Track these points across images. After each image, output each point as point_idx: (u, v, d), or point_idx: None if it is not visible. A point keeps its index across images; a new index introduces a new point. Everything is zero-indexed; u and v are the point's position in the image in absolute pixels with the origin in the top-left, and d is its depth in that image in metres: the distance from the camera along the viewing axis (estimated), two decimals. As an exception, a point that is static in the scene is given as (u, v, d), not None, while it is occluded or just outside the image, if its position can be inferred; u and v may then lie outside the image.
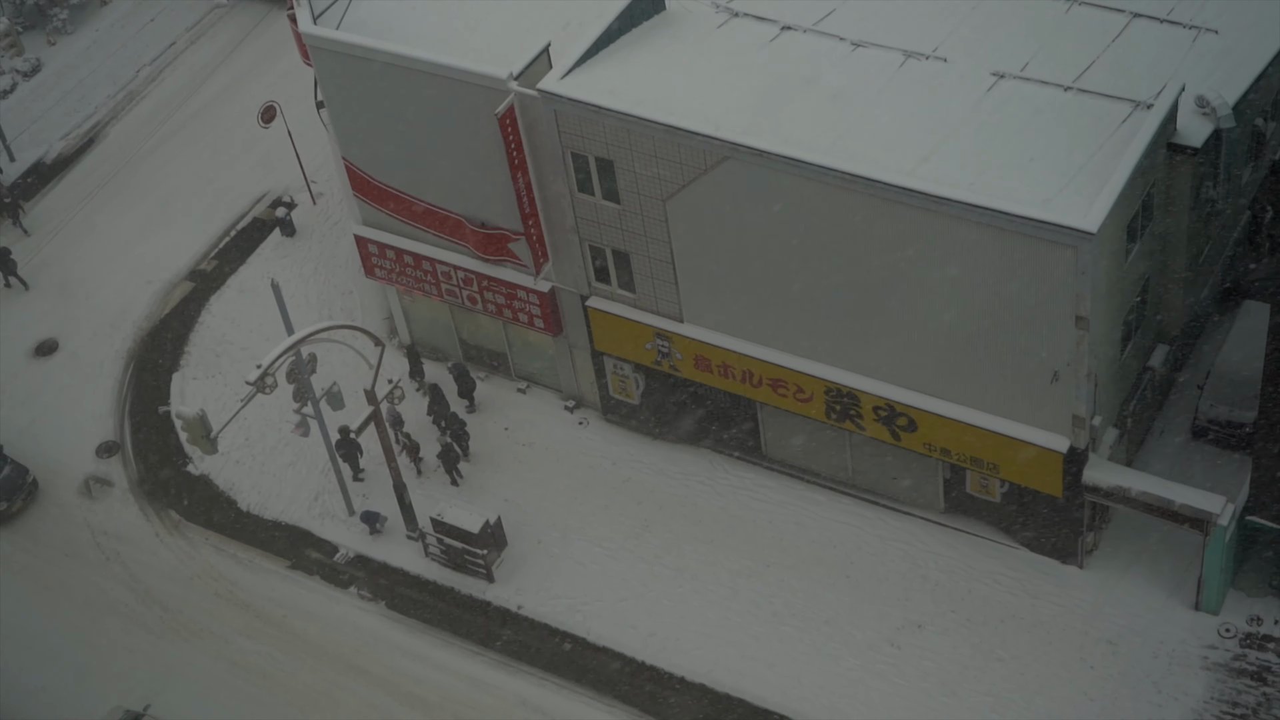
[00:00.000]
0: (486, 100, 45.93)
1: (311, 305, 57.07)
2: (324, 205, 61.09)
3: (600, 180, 45.99)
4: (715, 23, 46.79)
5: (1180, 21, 45.64)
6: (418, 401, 53.20)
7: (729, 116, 43.54)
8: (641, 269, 47.33)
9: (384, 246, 52.14)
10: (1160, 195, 43.53)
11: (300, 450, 53.24)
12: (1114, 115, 42.23)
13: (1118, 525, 47.43)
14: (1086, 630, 45.57)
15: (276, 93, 62.61)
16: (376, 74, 47.80)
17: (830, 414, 46.83)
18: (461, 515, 48.73)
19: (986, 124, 42.75)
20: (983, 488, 46.91)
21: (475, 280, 50.97)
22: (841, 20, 46.51)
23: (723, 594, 47.86)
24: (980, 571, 47.24)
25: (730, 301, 46.48)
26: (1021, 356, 42.47)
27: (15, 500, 52.40)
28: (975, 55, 44.88)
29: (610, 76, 45.08)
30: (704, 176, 43.88)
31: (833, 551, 48.38)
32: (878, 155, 41.99)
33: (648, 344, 48.66)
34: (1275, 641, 44.75)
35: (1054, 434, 43.62)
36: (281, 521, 52.15)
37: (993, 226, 40.23)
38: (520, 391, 53.97)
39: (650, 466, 51.29)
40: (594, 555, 49.36)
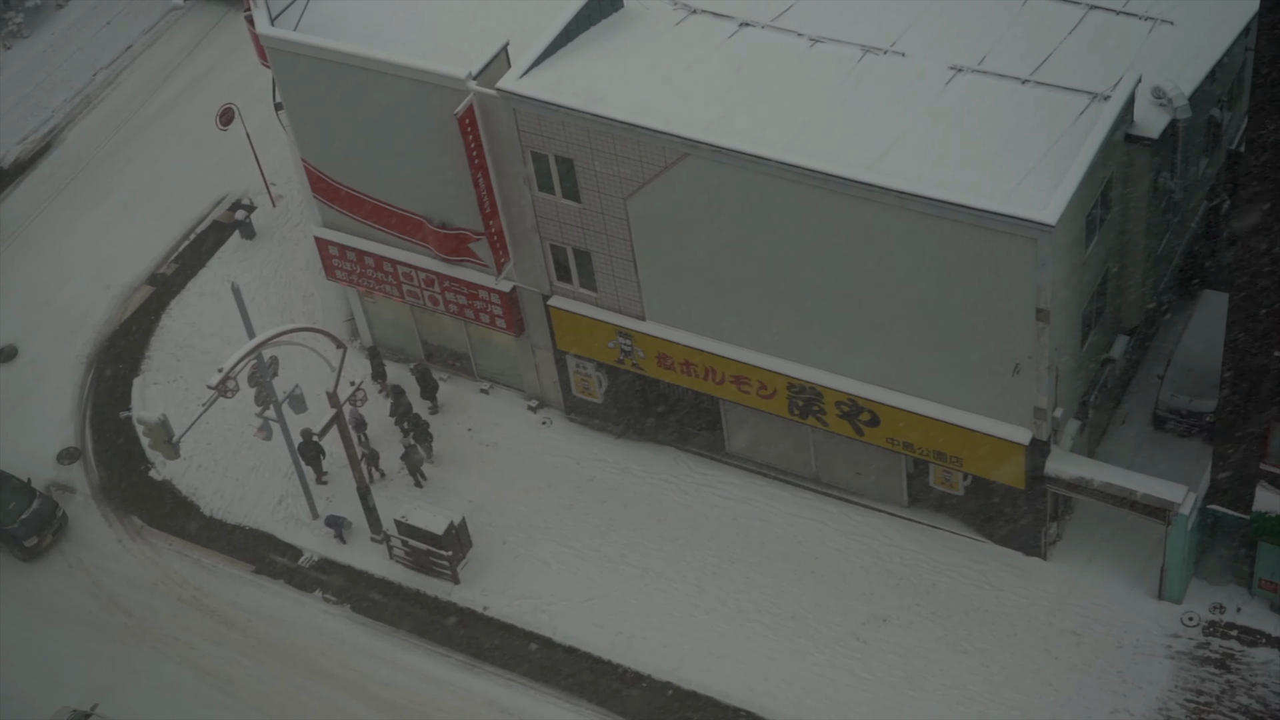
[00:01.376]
0: (445, 100, 45.84)
1: (272, 308, 56.87)
2: (284, 207, 60.88)
3: (561, 179, 45.94)
4: (673, 20, 46.79)
5: (1136, 13, 45.80)
6: (380, 403, 53.08)
7: (688, 114, 43.54)
8: (603, 267, 47.31)
9: (344, 248, 52.00)
10: (1118, 187, 43.70)
11: (263, 454, 53.06)
12: (1072, 107, 42.37)
13: (1080, 516, 47.60)
14: (1051, 621, 45.73)
15: (235, 95, 62.35)
16: (335, 75, 47.66)
17: (793, 410, 46.88)
18: (426, 517, 48.63)
19: (945, 118, 42.85)
20: (946, 481, 47.01)
21: (436, 281, 50.88)
22: (799, 16, 46.54)
23: (688, 591, 47.87)
24: (944, 565, 47.36)
25: (692, 299, 46.48)
26: (983, 349, 42.58)
27: (45, 535, 51.64)
28: (933, 49, 44.97)
29: (569, 74, 45.03)
30: (664, 174, 43.88)
31: (797, 547, 48.44)
32: (837, 150, 42.05)
33: (610, 342, 48.64)
34: (1238, 629, 44.97)
35: (1016, 426, 43.74)
36: (245, 526, 51.97)
37: (952, 220, 40.31)
38: (483, 392, 53.89)
39: (614, 465, 51.27)
40: (559, 555, 49.32)
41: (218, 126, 59.91)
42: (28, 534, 51.42)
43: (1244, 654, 44.47)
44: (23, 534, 51.39)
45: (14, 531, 51.36)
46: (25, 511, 51.62)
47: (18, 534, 51.36)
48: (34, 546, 51.52)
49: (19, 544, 51.44)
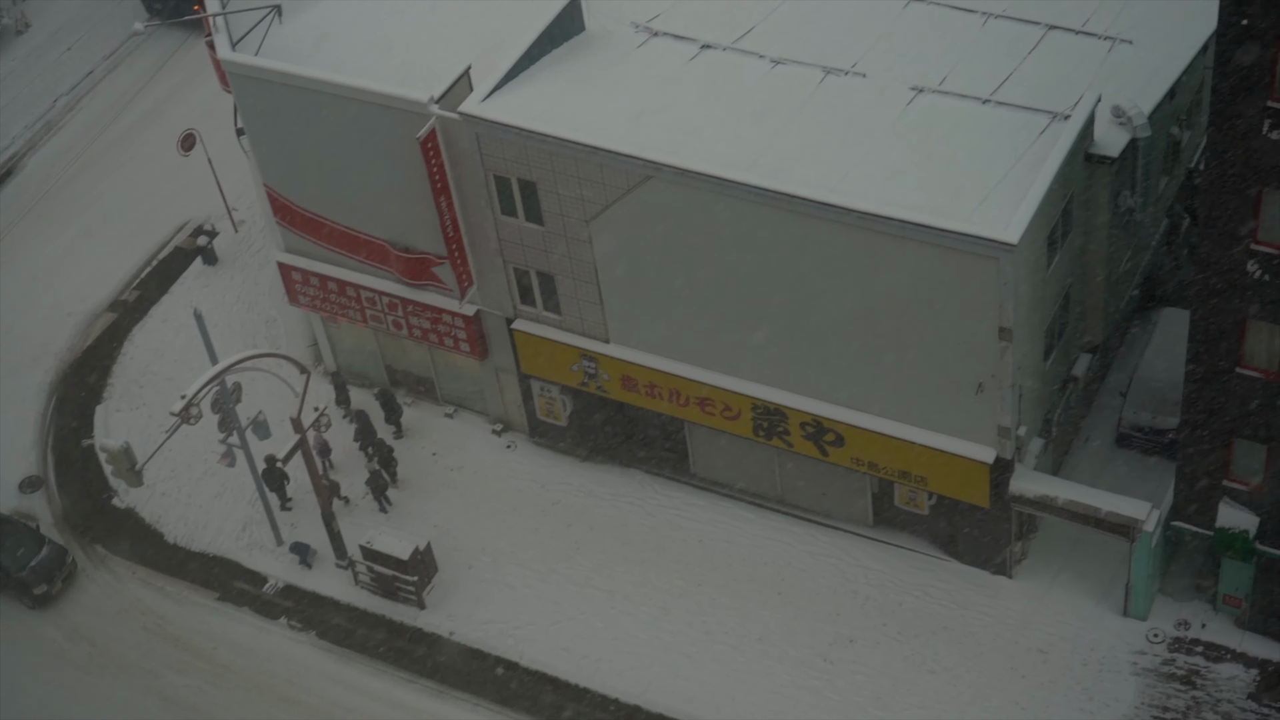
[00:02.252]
0: (408, 124, 45.81)
1: (235, 334, 56.69)
2: (246, 233, 60.73)
3: (524, 202, 45.93)
4: (635, 42, 46.87)
5: (1095, 33, 46.09)
6: (344, 429, 52.92)
7: (651, 136, 43.59)
8: (566, 290, 47.30)
9: (307, 273, 51.88)
10: (1079, 205, 43.89)
11: (227, 481, 52.84)
12: (1032, 127, 42.57)
13: (1045, 534, 47.71)
14: (1017, 640, 45.79)
15: (196, 120, 62.22)
16: (297, 99, 47.59)
17: (758, 431, 46.89)
18: (391, 542, 48.47)
19: (906, 138, 42.99)
20: (911, 501, 47.09)
21: (400, 305, 50.79)
22: (760, 38, 46.69)
23: (654, 614, 47.82)
24: (910, 584, 47.39)
25: (656, 321, 46.49)
26: (946, 369, 42.68)
27: (56, 582, 50.70)
28: (894, 70, 45.15)
29: (532, 98, 45.05)
30: (627, 197, 43.91)
31: (763, 569, 48.42)
32: (799, 172, 42.15)
33: (574, 365, 48.60)
34: (1203, 645, 45.10)
35: (980, 445, 43.84)
36: (209, 553, 51.71)
37: (914, 240, 40.42)
38: (447, 416, 53.79)
39: (579, 488, 51.20)
40: (525, 579, 49.21)
41: (179, 152, 59.73)
42: (37, 581, 50.26)
43: (1209, 670, 44.60)
44: (32, 581, 50.23)
45: (23, 579, 50.24)
46: (34, 559, 50.52)
47: (27, 581, 50.23)
48: (44, 594, 50.41)
49: (28, 591, 50.34)
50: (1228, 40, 34.99)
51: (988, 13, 46.96)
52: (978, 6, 47.21)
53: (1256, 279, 37.97)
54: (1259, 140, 35.93)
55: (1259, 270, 37.82)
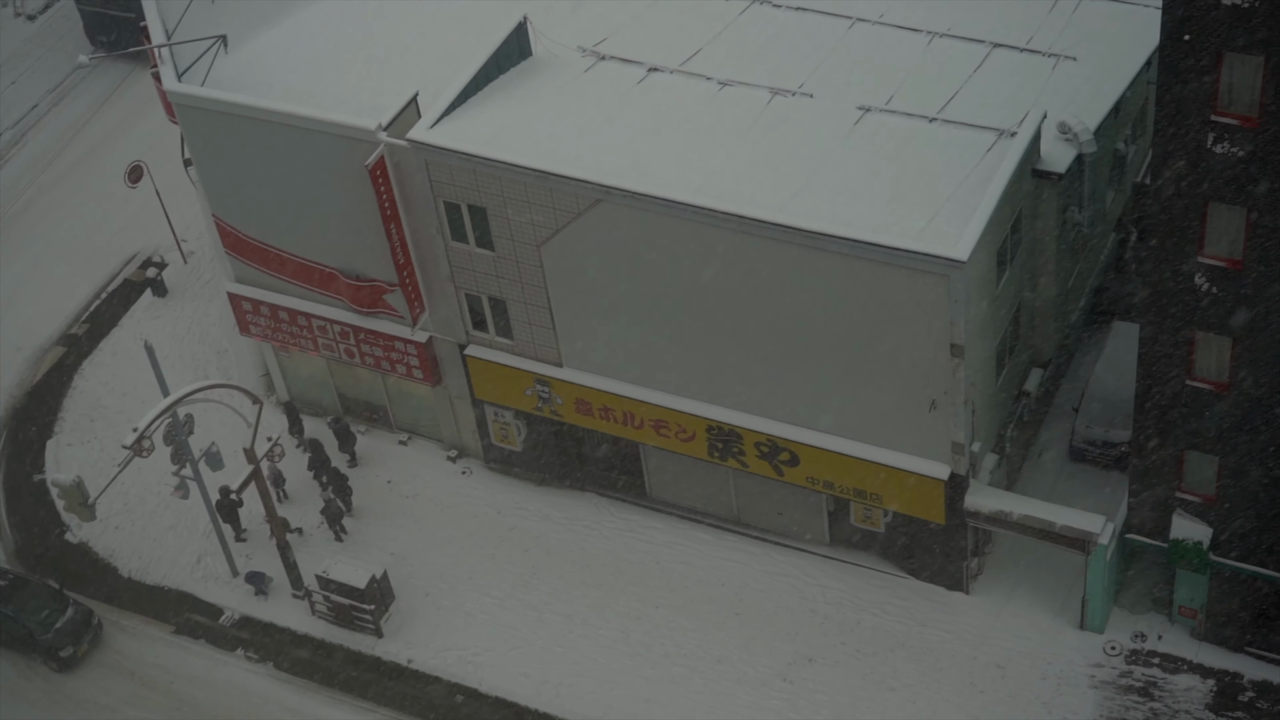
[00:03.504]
0: (356, 152, 45.73)
1: (186, 365, 56.45)
2: (195, 264, 60.50)
3: (474, 228, 45.91)
4: (582, 67, 46.95)
5: (1039, 50, 46.40)
6: (298, 458, 52.71)
7: (600, 160, 43.65)
8: (519, 315, 47.27)
9: (258, 303, 51.71)
10: (1028, 221, 44.15)
11: (181, 513, 52.56)
12: (979, 144, 42.81)
13: (1001, 549, 47.86)
14: (975, 655, 45.91)
15: (143, 152, 61.98)
16: (244, 129, 47.46)
17: (713, 452, 46.93)
18: (347, 571, 48.29)
19: (854, 157, 43.17)
20: (866, 519, 47.19)
21: (352, 333, 50.67)
22: (707, 60, 46.83)
23: (613, 638, 47.75)
24: (868, 602, 47.47)
25: (609, 344, 46.50)
26: (899, 386, 42.82)
27: (82, 643, 49.61)
28: (840, 90, 45.34)
29: (480, 123, 45.06)
30: (577, 220, 43.94)
31: (721, 590, 48.42)
32: (749, 192, 42.27)
33: (528, 390, 48.57)
34: (1160, 657, 45.31)
35: (934, 462, 43.98)
36: (164, 586, 51.41)
37: (865, 259, 40.57)
38: (402, 443, 53.65)
39: (535, 513, 51.13)
40: (483, 605, 49.08)
41: (126, 184, 59.49)
42: (63, 643, 49.25)
43: (1166, 681, 44.80)
44: (58, 643, 49.22)
45: (49, 641, 49.20)
46: (59, 620, 49.50)
47: (53, 644, 49.20)
48: (70, 656, 49.40)
49: (54, 655, 49.33)
50: (1171, 56, 35.27)
51: (933, 32, 47.24)
52: (923, 26, 47.49)
53: (1204, 292, 38.23)
54: (1204, 154, 36.20)
55: (1206, 283, 38.08)
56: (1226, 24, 34.28)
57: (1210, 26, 34.48)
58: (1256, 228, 36.64)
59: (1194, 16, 34.51)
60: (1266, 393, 39.18)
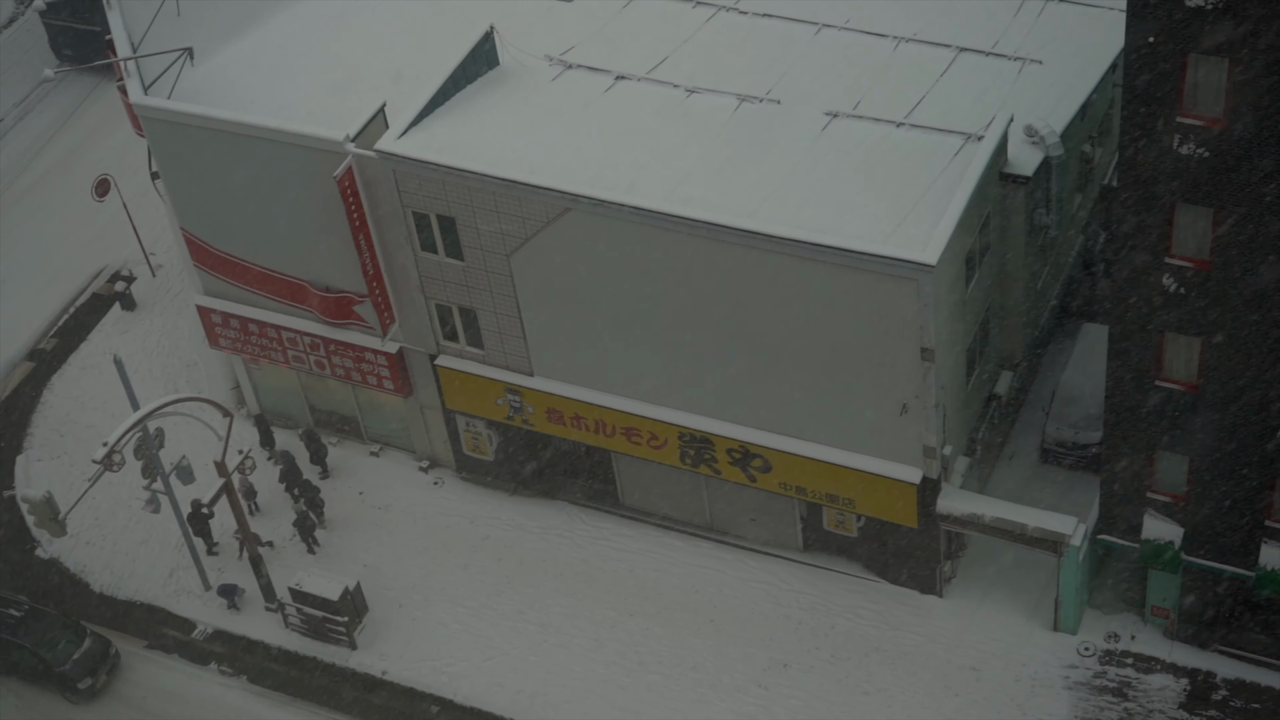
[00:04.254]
0: (324, 163, 45.66)
1: (156, 379, 56.25)
2: (164, 277, 60.32)
3: (443, 238, 45.86)
4: (549, 75, 46.94)
5: (1005, 54, 46.55)
6: (269, 471, 52.57)
7: (568, 168, 43.65)
8: (489, 325, 47.23)
9: (227, 316, 51.57)
10: (996, 224, 44.27)
11: (152, 527, 52.37)
12: (946, 148, 42.92)
13: (974, 552, 47.96)
14: (949, 658, 45.98)
15: (110, 166, 61.73)
16: (211, 142, 47.35)
17: (685, 459, 46.94)
18: (320, 583, 48.16)
19: (823, 163, 43.25)
20: (839, 523, 47.25)
21: (322, 345, 50.56)
22: (674, 68, 46.87)
23: (588, 646, 47.71)
24: (842, 607, 47.52)
25: (579, 352, 46.49)
26: (870, 391, 42.88)
27: (100, 674, 48.86)
28: (808, 96, 45.42)
29: (448, 133, 45.03)
30: (546, 229, 43.92)
31: (695, 596, 48.43)
32: (718, 199, 42.31)
33: (499, 400, 48.52)
34: (1133, 657, 45.44)
35: (906, 465, 44.06)
36: (137, 601, 51.20)
37: (834, 264, 40.63)
38: (373, 454, 53.55)
39: (508, 522, 51.07)
40: (457, 615, 49.00)
41: (94, 198, 59.28)
42: (81, 675, 48.57)
43: (1140, 681, 44.93)
44: (76, 675, 48.53)
45: (67, 673, 48.52)
46: (77, 651, 48.80)
47: (71, 675, 48.51)
48: (89, 688, 48.72)
49: (72, 686, 48.66)
50: (1136, 58, 35.41)
51: (899, 36, 47.36)
52: (889, 31, 47.60)
53: (1172, 292, 38.37)
54: (1170, 155, 36.35)
55: (1174, 284, 38.23)
56: (1191, 26, 34.43)
57: (1174, 29, 34.63)
58: (1223, 228, 36.81)
59: (1158, 19, 34.65)
60: (1236, 392, 39.33)
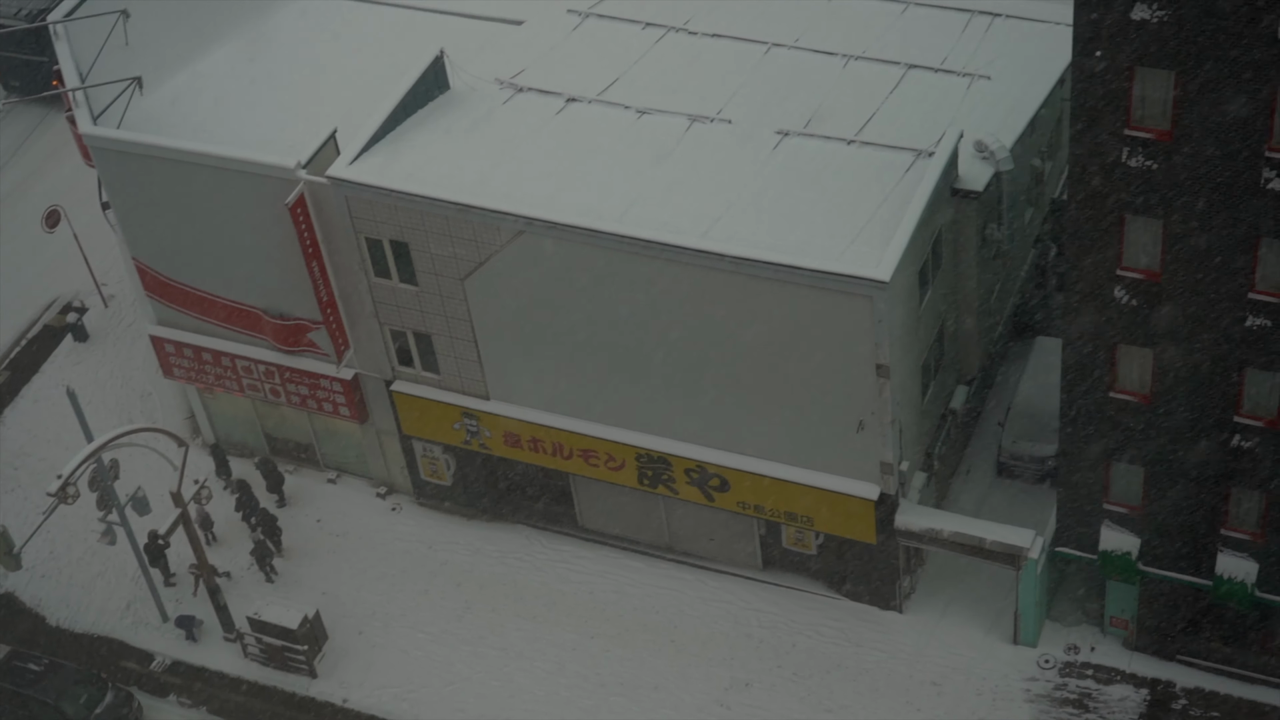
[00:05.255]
0: (276, 190, 45.54)
1: (110, 410, 55.95)
2: (116, 307, 60.04)
3: (396, 263, 45.78)
4: (500, 99, 46.96)
5: (954, 70, 46.78)
6: (226, 500, 52.33)
7: (521, 191, 43.65)
8: (444, 349, 47.15)
9: (181, 345, 51.35)
10: (948, 240, 44.44)
11: (108, 559, 52.05)
12: (897, 165, 43.09)
13: (933, 567, 48.07)
14: (911, 674, 46.05)
15: (60, 196, 61.40)
16: (161, 171, 47.18)
17: (643, 480, 46.92)
18: (279, 612, 47.94)
19: (775, 182, 43.36)
20: (798, 541, 47.29)
21: (277, 373, 50.39)
22: (625, 89, 46.94)
23: (549, 669, 47.60)
24: (803, 624, 47.55)
25: (536, 375, 46.45)
26: (826, 408, 42.96)
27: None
28: (759, 115, 45.55)
29: (400, 158, 44.98)
30: (500, 253, 43.90)
31: (655, 617, 48.39)
32: (670, 219, 42.37)
33: (456, 424, 48.43)
34: (1093, 668, 45.59)
35: (864, 482, 44.13)
36: (93, 634, 50.84)
37: (788, 282, 40.71)
38: (330, 482, 53.37)
39: (467, 547, 50.96)
40: (417, 641, 48.83)
41: (44, 229, 58.97)
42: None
43: (1100, 692, 45.08)
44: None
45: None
46: (99, 705, 47.93)
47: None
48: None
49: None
50: (1083, 72, 35.62)
51: (848, 55, 47.55)
52: (838, 49, 47.79)
53: (1124, 304, 38.58)
54: (1119, 168, 36.57)
55: (1126, 296, 38.44)
56: (1137, 39, 34.68)
57: (1121, 42, 34.86)
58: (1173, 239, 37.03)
59: (1105, 33, 34.88)
60: (1188, 403, 39.54)
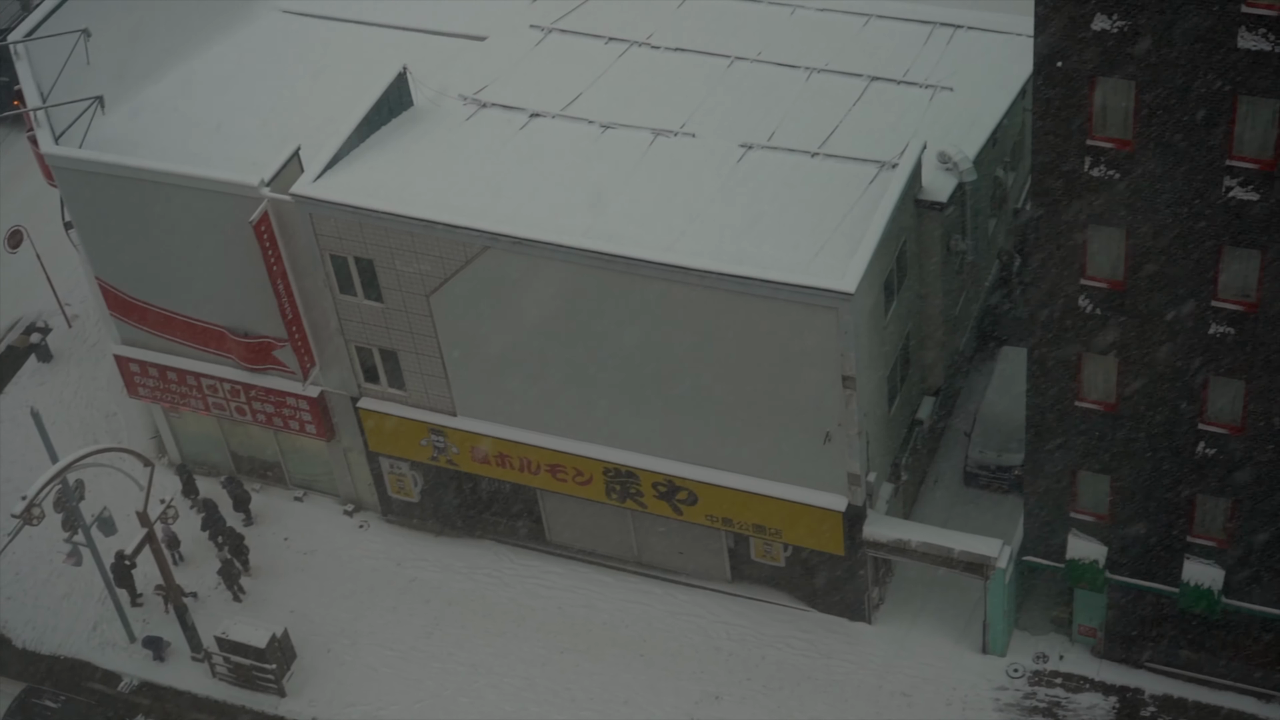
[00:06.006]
0: (240, 208, 45.44)
1: (75, 431, 55.70)
2: (80, 327, 59.80)
3: (361, 280, 45.71)
4: (464, 115, 46.95)
5: (916, 81, 46.93)
6: (192, 519, 52.13)
7: (486, 207, 43.64)
8: (410, 366, 47.07)
9: (146, 364, 51.17)
10: (913, 251, 44.56)
11: (75, 580, 51.78)
12: (861, 177, 43.20)
13: (901, 577, 48.13)
14: (880, 684, 46.09)
15: (22, 217, 61.17)
16: (124, 190, 47.03)
17: (611, 494, 46.90)
18: (247, 631, 47.75)
19: (739, 195, 43.43)
20: (767, 553, 47.30)
21: (242, 391, 50.23)
22: (589, 104, 46.98)
23: (518, 685, 47.51)
24: (772, 637, 47.56)
25: (502, 391, 46.41)
26: (793, 420, 43.01)
27: None
28: (722, 129, 45.64)
29: (364, 175, 44.93)
30: (466, 268, 43.86)
31: (625, 631, 48.34)
32: (635, 234, 42.39)
33: (422, 440, 48.34)
34: (1062, 676, 45.69)
35: (831, 494, 44.19)
36: (61, 655, 50.58)
37: (753, 295, 40.76)
38: (297, 500, 53.21)
39: (435, 563, 50.84)
40: (386, 659, 48.69)
41: (6, 250, 58.73)
42: None
43: (1069, 700, 45.17)
44: None
45: None
46: None
47: None
48: None
49: None
50: (1045, 83, 35.78)
51: (811, 68, 47.67)
52: (800, 62, 47.92)
53: (1088, 314, 38.73)
54: (1081, 177, 36.72)
55: (1090, 305, 38.58)
56: (1097, 49, 34.85)
57: (1082, 52, 35.03)
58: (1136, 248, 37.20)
59: (1065, 43, 35.04)
60: (1154, 410, 39.69)
